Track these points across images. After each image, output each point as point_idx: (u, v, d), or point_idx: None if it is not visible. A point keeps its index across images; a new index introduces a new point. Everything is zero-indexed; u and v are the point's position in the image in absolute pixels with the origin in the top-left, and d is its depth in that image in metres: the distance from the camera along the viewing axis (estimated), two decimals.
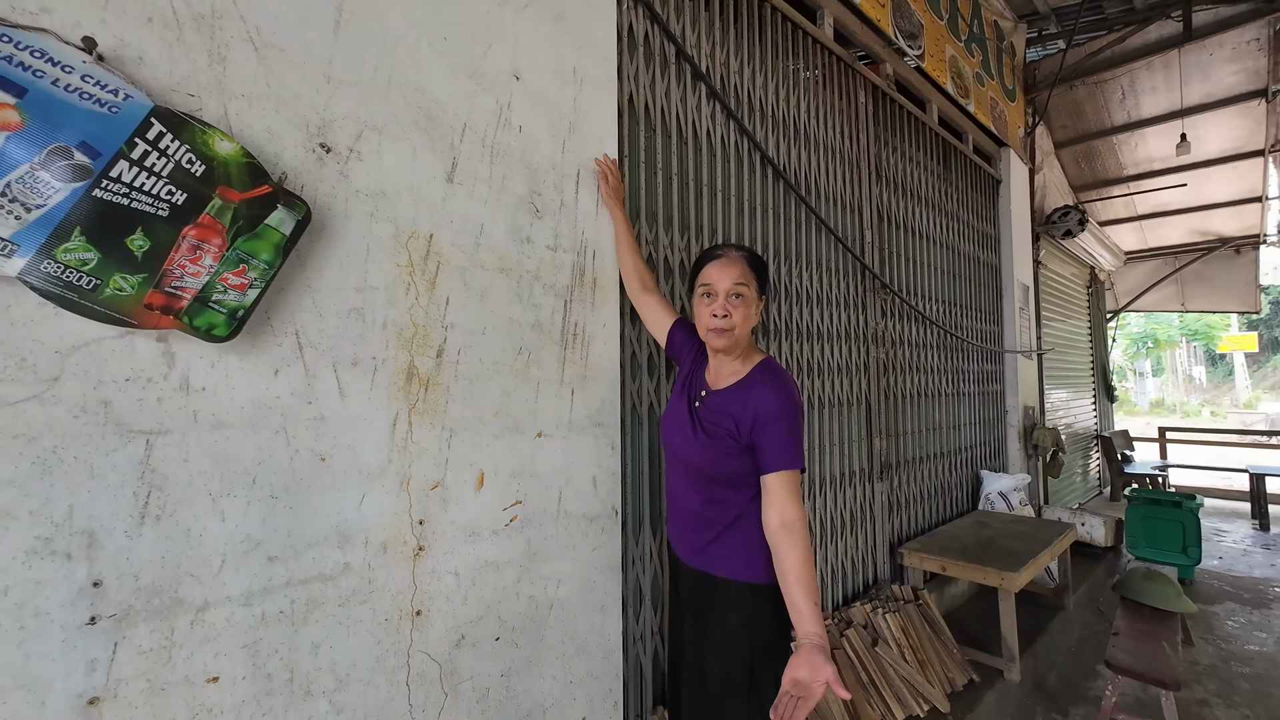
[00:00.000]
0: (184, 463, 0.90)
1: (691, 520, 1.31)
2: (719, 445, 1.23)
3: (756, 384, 1.24)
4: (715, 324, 1.23)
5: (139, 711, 0.85)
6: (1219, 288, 6.92)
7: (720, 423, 1.24)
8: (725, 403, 1.25)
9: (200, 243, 0.89)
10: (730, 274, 1.23)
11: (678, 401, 1.34)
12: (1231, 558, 4.44)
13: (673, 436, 1.34)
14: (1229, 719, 2.29)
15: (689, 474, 1.30)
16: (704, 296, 1.26)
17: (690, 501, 1.31)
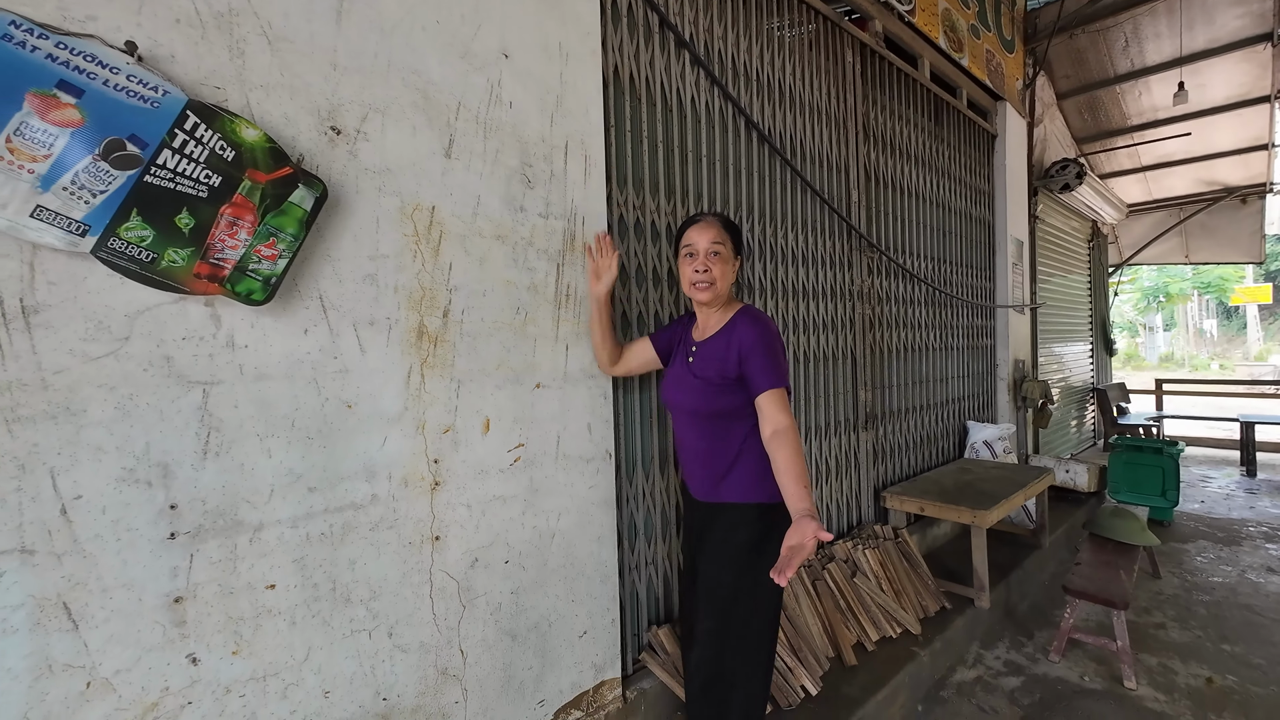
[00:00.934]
0: (235, 408, 1.06)
1: (701, 460, 1.49)
2: (711, 385, 1.41)
3: (737, 326, 1.43)
4: (698, 278, 1.43)
5: (213, 609, 1.04)
6: (1223, 239, 6.87)
7: (709, 365, 1.43)
8: (713, 348, 1.45)
9: (236, 219, 1.03)
10: (708, 235, 1.44)
11: (675, 364, 1.54)
12: (1213, 501, 4.62)
13: (671, 392, 1.53)
14: (1181, 639, 2.49)
15: (693, 420, 1.48)
16: (687, 256, 1.46)
17: (698, 445, 1.49)
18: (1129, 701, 2.07)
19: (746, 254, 2.23)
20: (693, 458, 1.52)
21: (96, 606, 0.94)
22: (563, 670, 1.55)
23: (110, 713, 0.95)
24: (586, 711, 1.60)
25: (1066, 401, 5.79)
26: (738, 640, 1.38)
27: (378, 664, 1.23)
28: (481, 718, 1.39)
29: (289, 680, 1.12)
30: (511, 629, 1.45)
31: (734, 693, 1.38)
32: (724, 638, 1.38)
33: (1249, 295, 19.83)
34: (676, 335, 1.59)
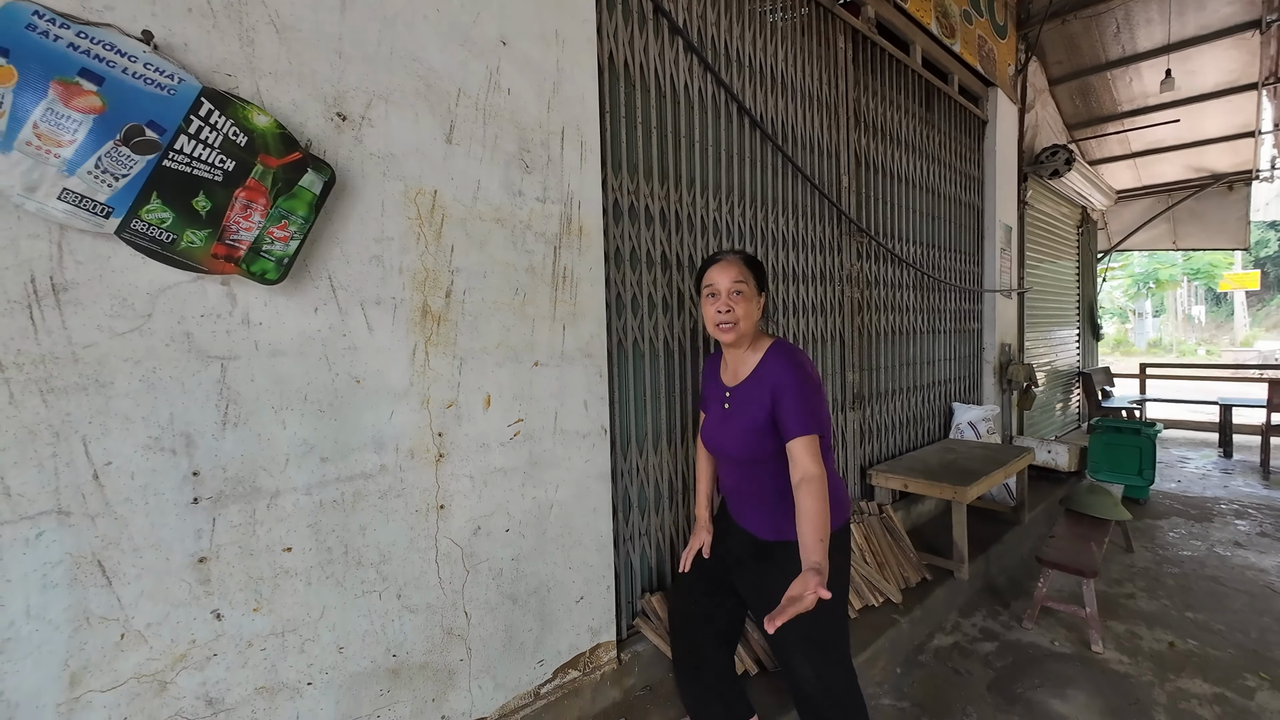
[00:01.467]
0: (251, 382, 1.13)
1: (753, 503, 1.50)
2: (750, 433, 1.41)
3: (769, 365, 1.42)
4: (720, 319, 1.44)
5: (235, 569, 1.12)
6: (1210, 225, 6.96)
7: (746, 413, 1.42)
8: (747, 393, 1.45)
9: (249, 202, 1.08)
10: (729, 274, 1.44)
11: (712, 411, 1.56)
12: (1189, 481, 4.77)
13: (713, 439, 1.54)
14: (1149, 607, 2.62)
15: (740, 467, 1.49)
16: (709, 296, 1.47)
17: (747, 488, 1.50)
18: (1095, 664, 2.19)
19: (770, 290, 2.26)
20: (742, 499, 1.53)
21: (128, 564, 1.01)
22: (561, 633, 1.64)
23: (143, 661, 1.03)
24: (583, 671, 1.70)
25: (1052, 385, 5.91)
26: (831, 665, 1.38)
27: (388, 623, 1.32)
28: (485, 675, 1.48)
29: (306, 636, 1.20)
30: (512, 593, 1.53)
31: (839, 706, 1.38)
32: (819, 665, 1.37)
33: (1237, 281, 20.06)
34: (707, 383, 1.63)
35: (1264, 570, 3.00)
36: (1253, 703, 1.96)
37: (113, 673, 1.00)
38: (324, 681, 1.23)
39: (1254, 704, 1.95)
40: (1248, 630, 2.41)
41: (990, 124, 4.21)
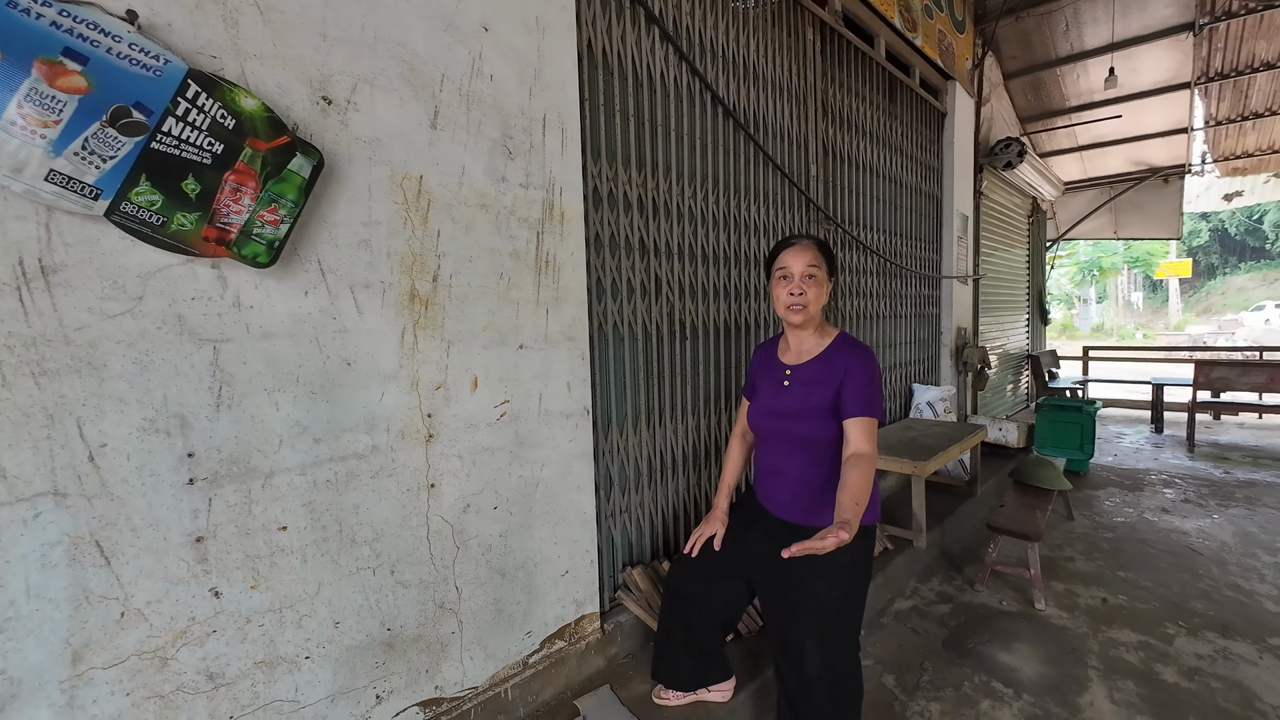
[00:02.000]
0: (244, 364, 1.14)
1: (797, 487, 1.48)
2: (815, 411, 1.43)
3: (841, 351, 1.46)
4: (792, 301, 1.45)
5: (232, 547, 1.14)
6: (1148, 215, 7.41)
7: (814, 392, 1.44)
8: (815, 373, 1.46)
9: (239, 185, 1.09)
10: (804, 258, 1.46)
11: (766, 390, 1.55)
12: (1124, 454, 5.14)
13: (765, 420, 1.53)
14: (1086, 569, 2.86)
15: (795, 446, 1.48)
16: (781, 279, 1.48)
17: (793, 471, 1.48)
18: (1037, 619, 2.40)
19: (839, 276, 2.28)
20: (785, 483, 1.51)
21: (126, 544, 1.03)
22: (547, 605, 1.71)
23: (143, 639, 1.05)
24: (569, 641, 1.77)
25: (1004, 367, 6.24)
26: (846, 647, 1.41)
27: (382, 598, 1.36)
28: (476, 646, 1.54)
29: (303, 612, 1.23)
30: (501, 568, 1.59)
31: (844, 688, 1.40)
32: (834, 646, 1.39)
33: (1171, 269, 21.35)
34: (758, 366, 1.63)
35: (1186, 533, 3.29)
36: (1171, 648, 2.18)
37: (114, 650, 1.02)
38: (321, 655, 1.26)
39: (1172, 649, 2.17)
40: (1170, 586, 2.66)
41: (949, 116, 4.38)
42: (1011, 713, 1.85)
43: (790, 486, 1.50)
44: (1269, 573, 2.77)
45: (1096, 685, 1.97)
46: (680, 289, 2.19)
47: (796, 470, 1.48)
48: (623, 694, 1.74)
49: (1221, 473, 4.49)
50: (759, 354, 1.67)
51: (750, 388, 1.66)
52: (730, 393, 2.46)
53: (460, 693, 1.51)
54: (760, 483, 1.61)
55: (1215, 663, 2.08)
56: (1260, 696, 1.89)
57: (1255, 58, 5.04)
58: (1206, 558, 2.95)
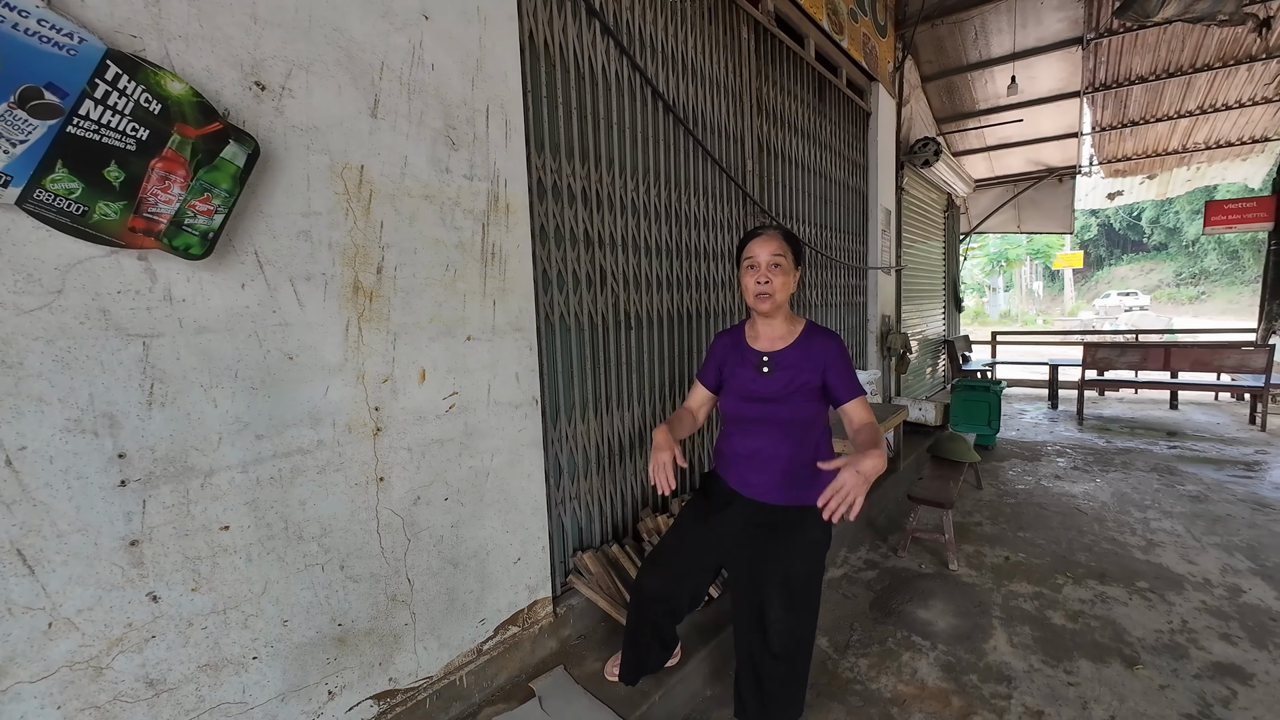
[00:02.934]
0: (177, 360, 1.10)
1: (778, 467, 1.52)
2: (801, 395, 1.49)
3: (815, 339, 1.53)
4: (759, 289, 1.50)
5: (170, 550, 1.10)
6: (1046, 211, 8.15)
7: (798, 376, 1.50)
8: (791, 358, 1.52)
9: (167, 174, 1.04)
10: (769, 247, 1.49)
11: (741, 377, 1.57)
12: (1025, 429, 5.69)
13: (743, 405, 1.56)
14: (991, 531, 3.18)
15: (780, 429, 1.52)
16: (748, 268, 1.52)
17: (776, 451, 1.52)
18: (951, 579, 2.65)
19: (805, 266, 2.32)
20: (764, 465, 1.53)
21: (52, 551, 0.98)
22: (500, 592, 1.74)
23: (75, 649, 1.00)
24: (522, 627, 1.81)
25: (923, 351, 6.72)
26: (808, 615, 1.48)
27: (332, 594, 1.34)
28: (430, 636, 1.55)
29: (249, 612, 1.21)
30: (453, 558, 1.60)
31: (801, 652, 1.49)
32: (798, 614, 1.45)
33: (1066, 261, 23.53)
34: (725, 354, 1.64)
35: (1074, 496, 3.71)
36: (1060, 595, 2.48)
37: (42, 662, 0.97)
38: (269, 654, 1.24)
39: (1061, 596, 2.48)
40: (1060, 542, 3.01)
41: (873, 116, 4.65)
42: (929, 662, 2.06)
43: (775, 468, 1.52)
44: (1139, 527, 3.19)
45: (999, 632, 2.22)
46: (625, 280, 2.25)
47: (785, 452, 1.51)
48: (576, 673, 1.80)
49: (1104, 442, 5.06)
50: (723, 341, 1.68)
51: (712, 373, 1.67)
52: (675, 381, 2.55)
53: (415, 683, 1.52)
54: (735, 468, 1.60)
55: (1094, 605, 2.39)
56: (1129, 631, 2.20)
57: (1132, 71, 5.64)
58: (1090, 516, 3.35)
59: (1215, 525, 3.18)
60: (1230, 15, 4.08)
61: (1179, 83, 5.70)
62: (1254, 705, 1.79)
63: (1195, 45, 5.24)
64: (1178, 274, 30.22)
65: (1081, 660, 2.03)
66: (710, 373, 1.68)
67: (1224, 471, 4.13)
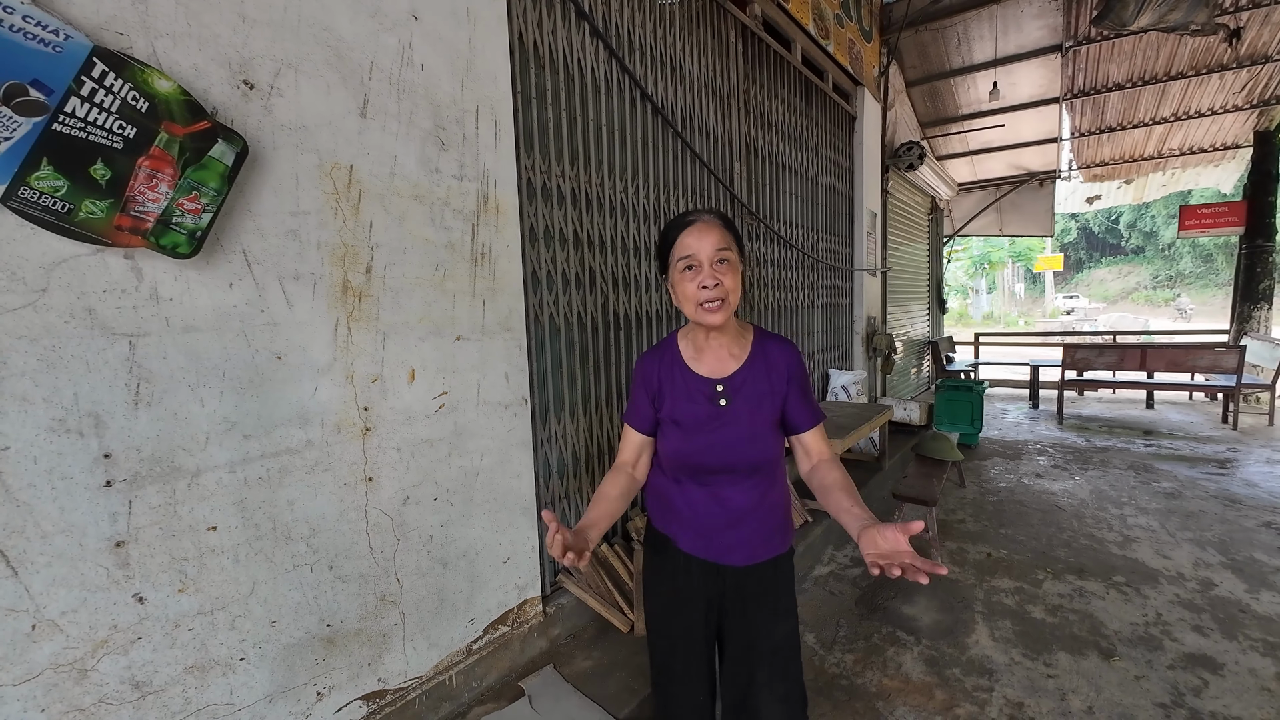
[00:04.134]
0: (164, 359, 1.09)
1: (752, 522, 1.16)
2: (769, 430, 1.14)
3: (770, 350, 1.17)
4: (706, 295, 1.06)
5: (156, 550, 1.09)
6: (1027, 215, 8.31)
7: (762, 405, 1.13)
8: (753, 382, 1.14)
9: (155, 172, 1.04)
10: (710, 239, 1.08)
11: (690, 415, 1.14)
12: (1007, 428, 5.79)
13: (705, 452, 1.14)
14: (974, 528, 3.23)
15: (743, 478, 1.15)
16: (685, 270, 1.08)
17: (745, 504, 1.15)
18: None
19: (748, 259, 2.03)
20: (734, 524, 1.16)
21: (36, 553, 0.97)
22: (490, 591, 1.74)
23: (59, 651, 0.99)
24: (512, 626, 1.81)
25: (908, 352, 6.81)
26: (798, 673, 1.22)
27: (320, 594, 1.34)
28: (419, 636, 1.55)
29: (236, 613, 1.20)
30: (443, 558, 1.60)
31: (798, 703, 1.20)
32: (792, 679, 1.20)
33: (1047, 263, 23.92)
34: (658, 384, 1.19)
35: (1054, 493, 3.79)
36: (1040, 590, 2.54)
37: (25, 665, 0.96)
38: (257, 655, 1.24)
39: (1040, 591, 2.53)
40: (1040, 538, 3.07)
41: (858, 119, 4.71)
42: (913, 657, 2.09)
43: (749, 525, 1.17)
44: (1115, 523, 3.26)
45: (981, 626, 2.26)
46: (614, 281, 2.26)
47: (757, 502, 1.16)
48: (565, 672, 1.80)
49: (1083, 441, 5.17)
50: (649, 368, 1.21)
51: (645, 410, 1.20)
52: None
53: (404, 683, 1.52)
54: (693, 529, 1.19)
55: (1073, 599, 2.45)
56: (1105, 624, 2.26)
57: (1109, 79, 5.78)
58: (1069, 513, 3.43)
59: (1189, 521, 3.26)
60: (1202, 25, 4.20)
61: (1154, 90, 5.85)
62: (1224, 694, 1.84)
63: (1169, 54, 5.38)
64: (1154, 277, 30.90)
65: (1060, 653, 2.08)
66: (642, 410, 1.21)
67: (1197, 469, 4.24)
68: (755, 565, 1.20)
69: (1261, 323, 6.46)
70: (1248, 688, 1.87)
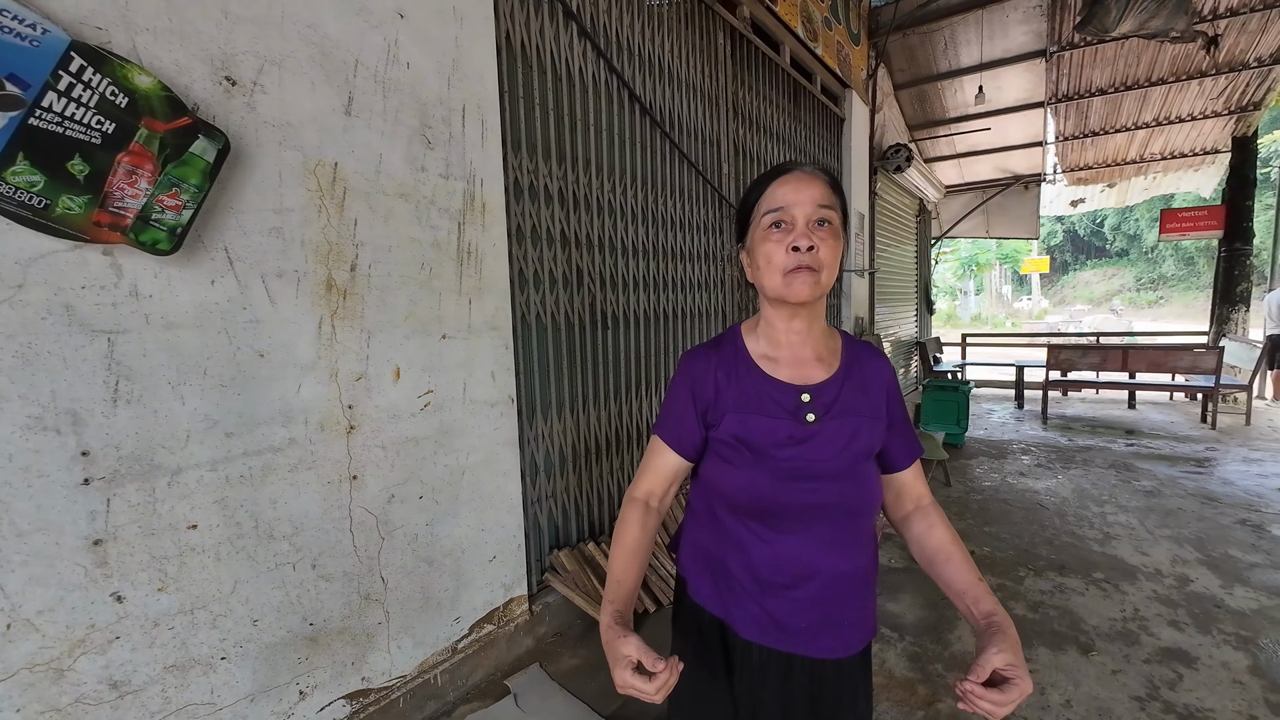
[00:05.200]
0: (143, 357, 1.08)
1: (853, 593, 0.86)
2: (867, 464, 0.86)
3: (865, 359, 0.91)
4: (800, 260, 0.78)
5: (135, 549, 1.09)
6: (1013, 217, 8.42)
7: (862, 427, 0.85)
8: (845, 398, 0.86)
9: (134, 168, 1.03)
10: (811, 192, 0.80)
11: (768, 433, 0.83)
12: (993, 428, 5.86)
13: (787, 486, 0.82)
14: (960, 526, 3.27)
15: (837, 524, 0.83)
16: (773, 228, 0.81)
17: (846, 566, 0.84)
18: (919, 573, 2.73)
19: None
20: (821, 595, 0.83)
21: (12, 551, 0.96)
22: (476, 590, 1.74)
23: (35, 650, 0.98)
24: (498, 625, 1.81)
25: (896, 353, 6.87)
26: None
27: (303, 593, 1.33)
28: (404, 635, 1.55)
29: (217, 611, 1.20)
30: (428, 556, 1.60)
31: None
32: None
33: (1033, 265, 24.21)
34: (714, 390, 0.87)
35: (1037, 492, 3.84)
36: (1022, 587, 2.58)
37: (1, 664, 0.95)
38: (239, 654, 1.23)
39: (1022, 587, 2.57)
40: (1023, 536, 3.12)
41: (847, 122, 4.75)
42: (896, 653, 2.12)
43: (838, 595, 0.84)
44: (1096, 520, 3.32)
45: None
46: (601, 280, 2.27)
47: (854, 565, 0.85)
48: (552, 670, 1.81)
49: (1066, 440, 5.24)
50: (700, 368, 0.89)
51: (693, 428, 0.88)
52: (651, 381, 2.57)
53: (388, 682, 1.52)
54: (759, 602, 0.85)
55: (1054, 596, 2.48)
56: (1085, 620, 2.29)
57: (1093, 84, 5.87)
58: (1051, 511, 3.48)
59: (1167, 519, 3.32)
60: (1182, 33, 4.28)
61: (1136, 95, 5.95)
62: (1198, 687, 1.88)
63: (1150, 60, 5.47)
64: (1138, 279, 31.38)
65: (1040, 648, 2.11)
66: (687, 425, 0.88)
67: (1177, 468, 4.32)
68: (850, 658, 0.87)
69: (1239, 324, 6.59)
70: (1220, 681, 1.91)
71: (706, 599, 0.89)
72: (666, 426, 0.89)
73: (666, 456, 0.89)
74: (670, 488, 0.91)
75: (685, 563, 0.94)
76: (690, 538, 0.93)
